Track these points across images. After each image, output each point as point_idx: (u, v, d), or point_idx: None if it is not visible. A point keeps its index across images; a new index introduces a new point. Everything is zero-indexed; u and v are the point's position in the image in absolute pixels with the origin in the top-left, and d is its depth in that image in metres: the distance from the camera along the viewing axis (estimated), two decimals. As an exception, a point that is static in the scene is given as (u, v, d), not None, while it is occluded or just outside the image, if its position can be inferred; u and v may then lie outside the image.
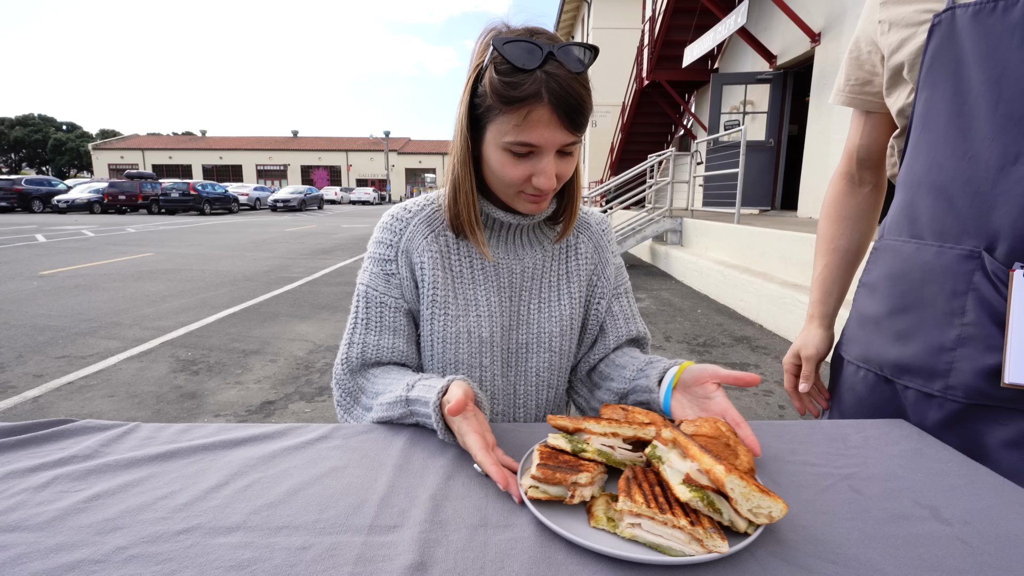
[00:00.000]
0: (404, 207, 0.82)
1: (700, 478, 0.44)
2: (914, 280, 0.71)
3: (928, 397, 0.71)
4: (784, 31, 7.29)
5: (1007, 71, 0.60)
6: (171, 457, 0.61)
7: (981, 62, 0.62)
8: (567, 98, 0.64)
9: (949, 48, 0.65)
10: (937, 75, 0.66)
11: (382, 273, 0.80)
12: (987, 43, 0.61)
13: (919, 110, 0.70)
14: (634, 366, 0.80)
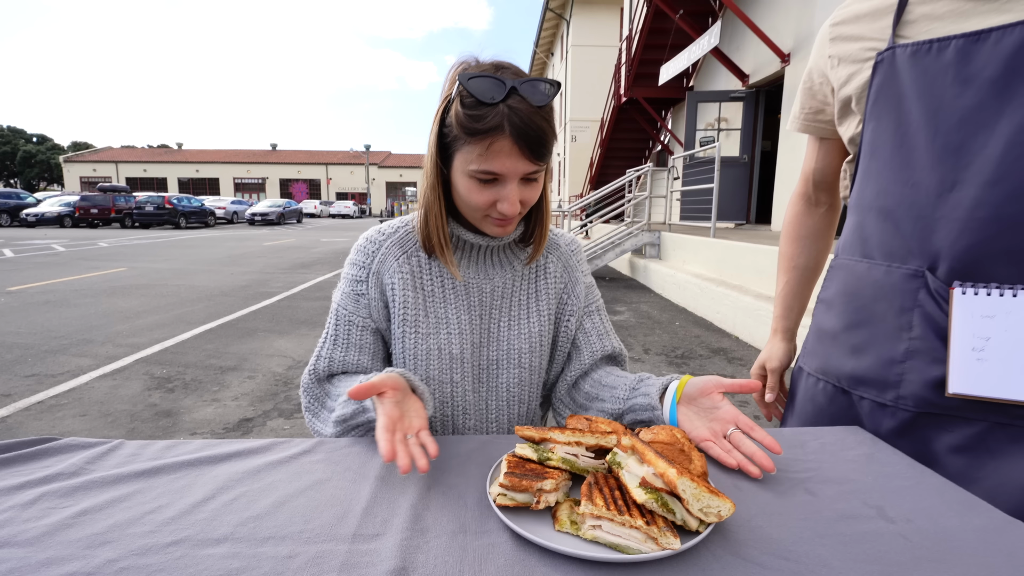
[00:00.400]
0: (379, 230, 0.86)
1: (655, 481, 0.47)
2: (866, 297, 0.77)
3: (881, 407, 0.75)
4: (755, 51, 7.54)
5: (942, 106, 0.66)
6: (157, 473, 0.62)
7: (919, 97, 0.68)
8: (528, 130, 0.68)
9: (892, 83, 0.71)
10: (882, 108, 0.72)
11: (353, 293, 0.84)
12: (924, 80, 0.67)
13: (867, 139, 0.75)
14: (625, 385, 0.82)
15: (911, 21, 0.70)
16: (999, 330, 0.64)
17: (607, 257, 7.58)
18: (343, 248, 12.80)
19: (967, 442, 0.69)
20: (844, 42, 0.79)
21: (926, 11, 0.69)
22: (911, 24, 0.70)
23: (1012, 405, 0.65)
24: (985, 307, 0.64)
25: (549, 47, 26.44)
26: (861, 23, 0.77)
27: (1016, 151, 0.61)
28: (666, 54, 9.55)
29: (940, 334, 0.68)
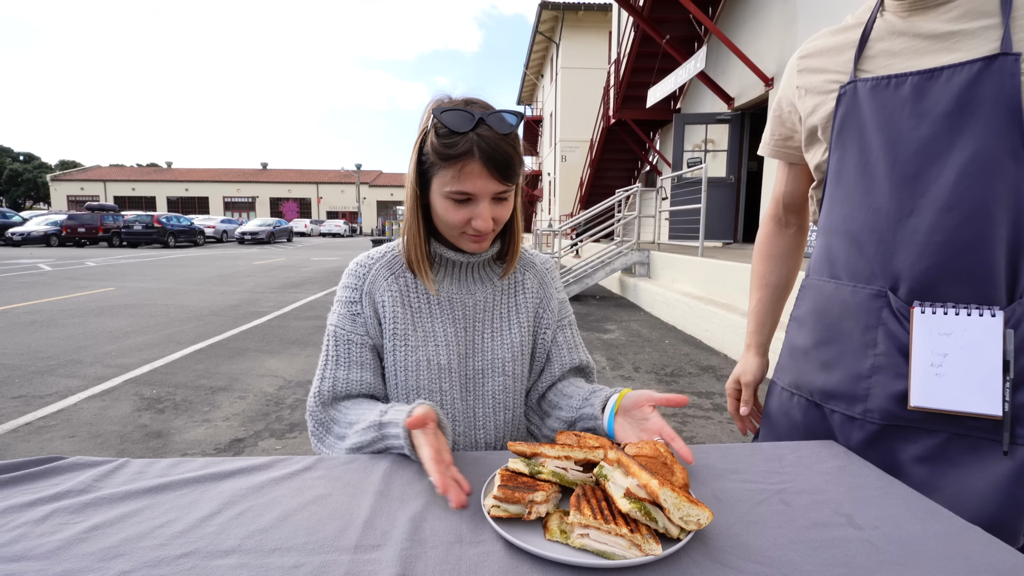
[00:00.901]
0: (368, 255, 0.93)
1: (639, 492, 0.51)
2: (834, 316, 0.81)
3: (851, 420, 0.80)
4: (740, 76, 7.75)
5: (900, 137, 0.72)
6: (163, 490, 0.65)
7: (879, 128, 0.73)
8: (495, 154, 0.76)
9: (854, 115, 0.76)
10: (845, 137, 0.78)
11: (348, 314, 0.89)
12: (883, 112, 0.73)
13: (832, 167, 0.81)
14: (580, 395, 0.89)
15: (871, 56, 0.76)
16: (955, 347, 0.68)
17: (597, 276, 7.66)
18: (334, 267, 12.80)
19: (930, 452, 0.73)
20: (810, 74, 0.85)
21: (884, 47, 0.75)
22: (871, 59, 0.76)
23: (968, 417, 0.69)
24: (942, 325, 0.69)
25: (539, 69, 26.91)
26: (826, 57, 0.83)
27: (967, 180, 0.66)
28: (654, 77, 9.78)
29: (902, 351, 0.73)
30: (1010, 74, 0.63)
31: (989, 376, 0.67)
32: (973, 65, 0.65)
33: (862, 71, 0.77)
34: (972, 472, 0.70)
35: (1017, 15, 0.64)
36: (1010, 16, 0.64)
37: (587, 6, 19.61)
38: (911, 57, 0.72)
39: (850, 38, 0.80)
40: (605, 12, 19.18)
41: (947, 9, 0.69)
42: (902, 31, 0.73)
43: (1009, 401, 0.67)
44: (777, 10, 6.88)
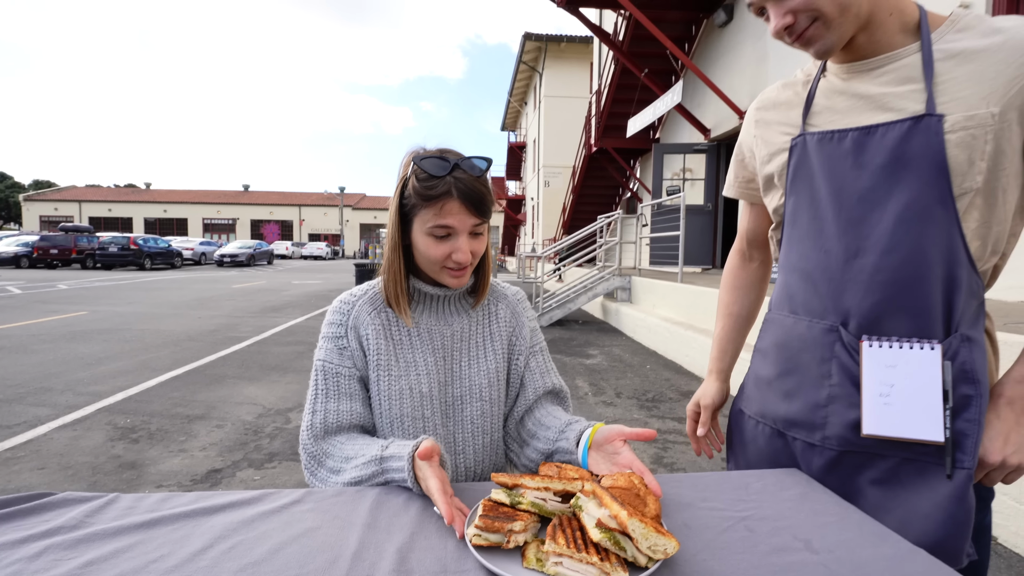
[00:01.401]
0: (351, 293, 0.98)
1: (610, 522, 0.55)
2: (793, 348, 0.87)
3: (811, 447, 0.85)
4: (715, 108, 8.04)
5: (844, 186, 0.79)
6: (155, 525, 0.67)
7: (827, 177, 0.81)
8: (471, 193, 0.86)
9: (804, 165, 0.84)
10: (798, 185, 0.85)
11: (335, 348, 0.94)
12: (829, 164, 0.80)
13: (788, 210, 0.88)
14: (556, 427, 0.93)
15: (817, 112, 0.84)
16: (900, 378, 0.75)
17: (580, 301, 7.74)
18: (315, 291, 12.69)
19: (883, 476, 0.79)
20: (766, 126, 0.92)
21: (828, 105, 0.83)
22: (817, 115, 0.84)
23: (915, 443, 0.75)
24: (888, 358, 0.75)
25: (523, 96, 27.47)
26: (779, 110, 0.91)
27: (904, 226, 0.74)
28: (633, 108, 10.08)
29: (854, 381, 0.79)
30: (935, 132, 0.71)
31: (931, 405, 0.73)
32: (903, 124, 0.73)
33: (810, 125, 0.84)
34: (921, 494, 0.75)
35: (938, 81, 0.72)
36: (932, 82, 0.72)
37: (569, 38, 20.20)
38: (851, 114, 0.80)
39: (799, 94, 0.88)
40: (587, 44, 19.77)
41: (880, 74, 0.77)
42: (842, 91, 0.81)
43: (949, 428, 0.73)
44: (749, 47, 7.19)
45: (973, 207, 0.72)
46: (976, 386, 0.73)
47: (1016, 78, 0.68)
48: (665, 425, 3.46)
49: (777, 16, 0.75)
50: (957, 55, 0.72)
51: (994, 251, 0.75)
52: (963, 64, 0.71)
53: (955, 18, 0.75)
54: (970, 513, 0.72)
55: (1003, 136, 0.70)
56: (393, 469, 0.77)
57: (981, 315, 0.76)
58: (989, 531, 0.81)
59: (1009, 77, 0.69)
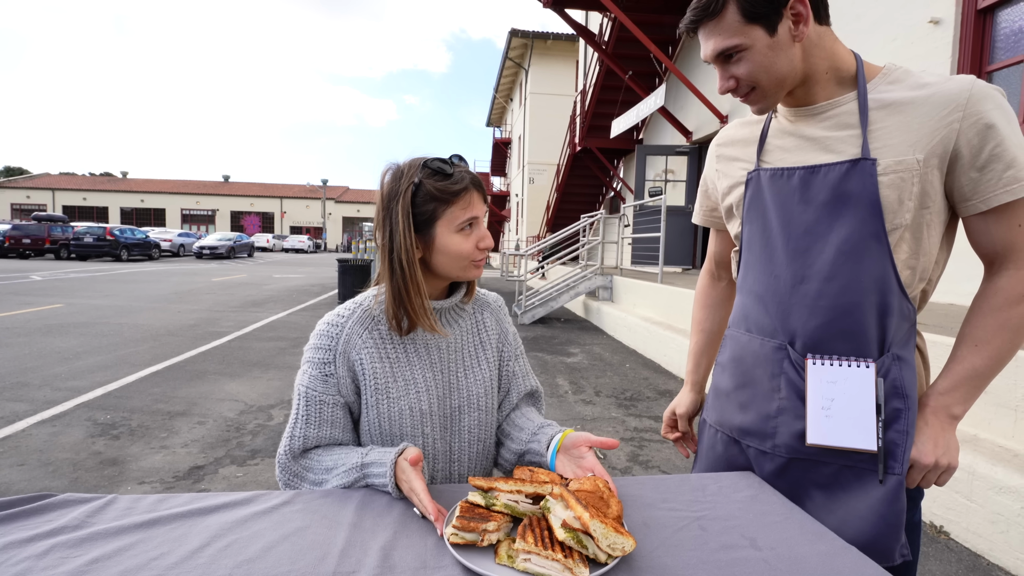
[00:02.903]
0: (337, 314, 0.95)
1: (574, 523, 0.61)
2: (747, 363, 0.95)
3: (763, 453, 0.93)
4: (697, 112, 8.18)
5: (792, 219, 0.87)
6: (154, 524, 0.72)
7: (777, 210, 0.89)
8: (479, 180, 0.92)
9: (758, 197, 0.92)
10: (753, 215, 0.93)
11: (320, 375, 0.92)
12: (779, 197, 0.88)
13: (745, 238, 0.96)
14: (529, 429, 0.99)
15: (769, 151, 0.93)
16: (840, 393, 0.83)
17: (562, 299, 7.83)
18: (297, 285, 12.61)
19: (826, 480, 0.87)
20: (726, 161, 1.01)
21: (778, 144, 0.92)
22: (769, 152, 0.93)
23: (853, 451, 0.83)
24: (830, 375, 0.83)
25: (508, 93, 27.46)
26: (736, 147, 1.00)
27: (843, 257, 0.82)
28: (617, 109, 10.18)
29: (800, 395, 0.87)
30: (869, 174, 0.79)
31: (866, 417, 0.81)
32: (842, 165, 0.81)
33: (763, 161, 0.93)
34: (858, 497, 0.84)
35: (872, 129, 0.81)
36: (867, 129, 0.81)
37: (555, 36, 20.24)
38: (797, 153, 0.88)
39: (754, 133, 0.96)
40: (573, 42, 19.84)
41: (823, 119, 0.86)
42: (790, 132, 0.90)
43: (882, 438, 0.81)
44: (731, 53, 7.32)
45: (903, 241, 0.80)
46: (905, 400, 0.81)
47: (937, 129, 0.77)
48: (642, 424, 3.56)
49: (723, 79, 0.85)
50: (888, 105, 0.80)
51: (921, 278, 0.83)
52: (893, 114, 0.80)
53: (887, 71, 0.84)
54: (900, 515, 0.81)
55: (927, 179, 0.78)
56: (374, 475, 0.82)
57: (912, 336, 0.84)
58: (919, 528, 0.89)
59: (931, 128, 0.77)
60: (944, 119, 0.77)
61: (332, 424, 0.92)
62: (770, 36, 0.79)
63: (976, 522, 2.07)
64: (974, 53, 3.89)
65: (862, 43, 4.82)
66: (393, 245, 0.89)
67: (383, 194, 0.91)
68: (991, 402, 2.23)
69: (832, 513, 0.85)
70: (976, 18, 3.88)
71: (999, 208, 0.78)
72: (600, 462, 0.86)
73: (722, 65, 0.84)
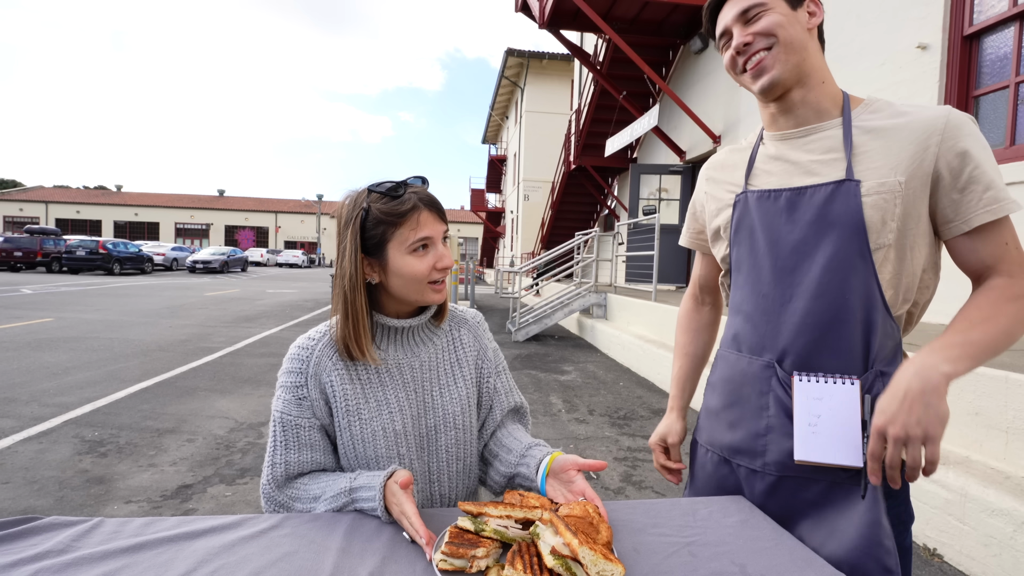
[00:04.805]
0: (308, 336, 0.96)
1: (563, 549, 0.61)
2: (737, 382, 0.96)
3: (753, 472, 0.93)
4: (690, 132, 8.29)
5: (779, 239, 0.89)
6: (140, 549, 0.71)
7: (764, 230, 0.91)
8: (432, 199, 0.92)
9: (745, 219, 0.94)
10: (741, 236, 0.95)
11: (294, 399, 0.92)
12: (766, 219, 0.91)
13: (734, 259, 0.98)
14: (517, 451, 0.99)
15: (756, 174, 0.95)
16: (826, 410, 0.84)
17: (556, 316, 7.83)
18: (290, 300, 12.55)
19: (816, 498, 0.87)
20: (715, 184, 1.03)
21: (765, 168, 0.94)
22: (756, 176, 0.95)
23: (840, 468, 0.84)
24: (816, 392, 0.84)
25: (504, 111, 27.77)
26: (726, 171, 1.02)
27: (829, 275, 0.84)
28: (612, 128, 10.31)
29: (788, 413, 0.88)
30: (853, 195, 0.82)
31: (851, 434, 0.82)
32: (828, 186, 0.84)
33: (751, 184, 0.95)
34: (844, 515, 0.84)
35: (856, 152, 0.84)
36: (851, 153, 0.84)
37: (551, 55, 20.56)
38: (784, 176, 0.91)
39: (743, 158, 0.99)
40: (568, 62, 20.14)
41: (808, 143, 0.89)
42: (777, 156, 0.93)
43: (866, 454, 0.80)
44: (723, 75, 7.46)
45: (887, 260, 0.83)
46: None
47: (917, 153, 0.81)
48: (635, 443, 3.55)
49: (739, 37, 0.87)
50: (871, 131, 0.84)
51: (905, 299, 0.85)
52: (875, 139, 0.83)
53: (869, 102, 0.88)
54: (880, 534, 0.79)
55: (910, 201, 0.81)
56: (363, 499, 0.82)
57: (898, 354, 0.86)
58: (910, 552, 0.89)
59: (912, 152, 0.81)
60: (923, 143, 0.80)
61: (312, 448, 0.91)
62: (792, 9, 0.85)
63: (969, 545, 2.06)
64: (961, 78, 3.99)
65: (851, 67, 4.92)
66: (342, 271, 0.91)
67: (340, 221, 0.92)
68: (982, 423, 2.25)
69: (823, 530, 0.86)
70: (963, 44, 3.98)
71: (983, 228, 0.80)
72: (592, 483, 0.85)
73: (742, 26, 0.87)
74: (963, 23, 3.98)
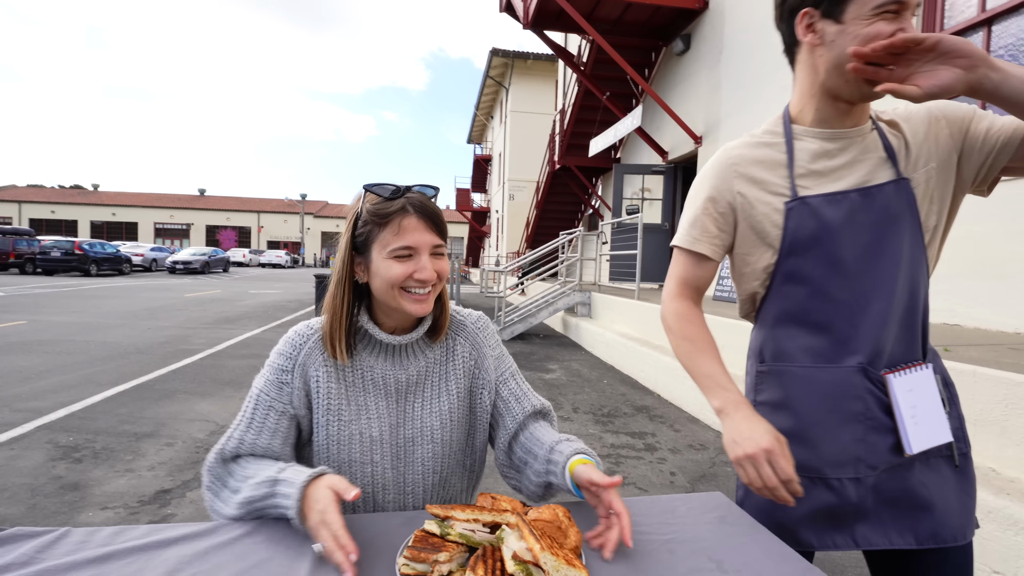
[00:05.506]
0: (308, 326, 0.94)
1: (525, 555, 0.61)
2: (819, 395, 0.89)
3: (856, 480, 0.88)
4: (672, 133, 8.36)
5: (852, 243, 0.86)
6: (108, 559, 0.69)
7: (834, 236, 0.86)
8: (426, 208, 0.88)
9: (807, 226, 0.87)
10: (801, 245, 0.88)
11: (277, 381, 0.91)
12: (835, 224, 0.86)
13: (787, 269, 0.90)
14: (542, 455, 0.92)
15: (802, 175, 0.89)
16: (918, 398, 0.87)
17: (541, 315, 7.85)
18: (273, 301, 12.40)
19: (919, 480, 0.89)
20: (752, 185, 0.92)
21: (813, 168, 0.89)
22: (804, 177, 0.89)
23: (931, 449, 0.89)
24: (907, 384, 0.87)
25: (489, 111, 27.73)
26: (761, 169, 0.92)
27: (901, 272, 0.86)
28: (596, 128, 10.35)
29: (885, 411, 0.87)
30: (908, 191, 0.86)
31: (939, 413, 0.88)
32: (887, 186, 0.86)
33: (802, 187, 0.89)
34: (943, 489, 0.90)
35: (899, 155, 0.88)
36: (894, 154, 0.87)
37: (535, 56, 20.58)
38: (837, 178, 0.88)
39: (776, 155, 0.92)
40: (552, 62, 20.18)
41: (850, 143, 0.88)
42: (821, 154, 0.89)
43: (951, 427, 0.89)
44: (704, 77, 7.54)
45: (932, 245, 0.90)
46: (951, 387, 0.92)
47: (928, 136, 0.88)
48: (619, 440, 3.57)
49: None
50: (893, 134, 0.90)
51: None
52: (900, 138, 0.89)
53: (880, 111, 0.93)
54: (972, 490, 0.91)
55: (941, 183, 0.88)
56: (281, 495, 0.76)
57: None
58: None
59: (932, 139, 0.88)
60: (933, 129, 0.88)
61: (273, 433, 0.89)
62: None
63: None
64: (932, 81, 4.08)
65: (828, 69, 4.99)
66: (334, 266, 0.92)
67: None
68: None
69: (930, 513, 0.89)
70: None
71: None
72: None
73: None
74: (936, 26, 4.07)
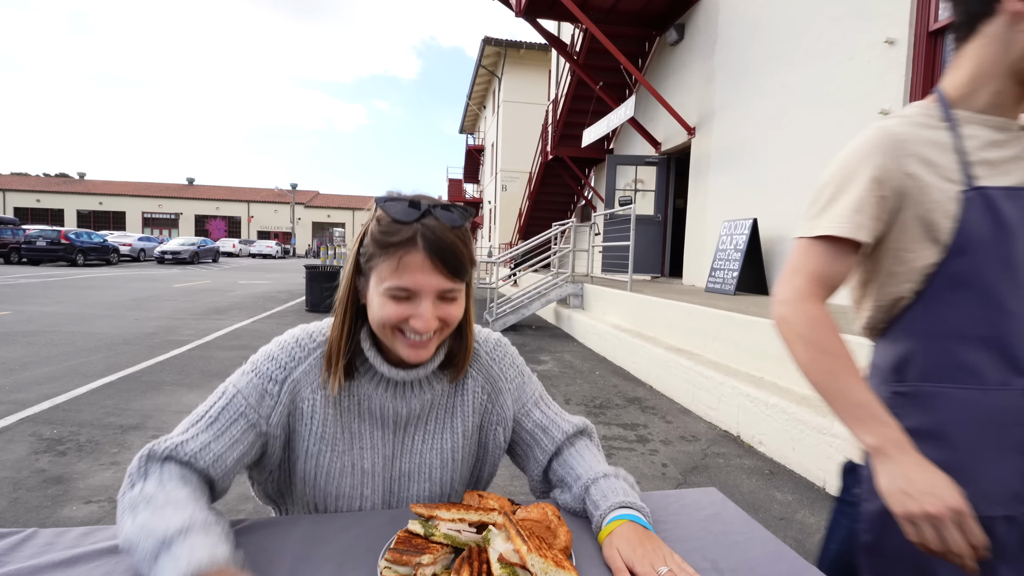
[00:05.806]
0: (310, 336, 0.83)
1: (512, 556, 0.58)
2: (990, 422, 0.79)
3: (1009, 520, 0.79)
4: (666, 123, 8.32)
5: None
6: (75, 562, 0.66)
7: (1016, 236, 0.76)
8: (441, 245, 0.71)
9: (983, 222, 0.77)
10: (974, 243, 0.77)
11: (259, 390, 0.79)
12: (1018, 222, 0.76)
13: (953, 271, 0.79)
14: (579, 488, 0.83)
15: (975, 163, 0.78)
16: None
17: (534, 306, 7.83)
18: (263, 292, 12.28)
19: None
20: (925, 166, 0.79)
21: (985, 157, 0.79)
22: (976, 166, 0.78)
23: None
24: None
25: (482, 100, 27.53)
26: (933, 150, 0.80)
27: None
28: (589, 118, 10.29)
29: None
30: None
31: None
32: None
33: (978, 178, 0.78)
34: None
35: None
36: None
37: (528, 45, 20.40)
38: (1005, 171, 0.79)
39: (941, 137, 0.80)
40: (545, 51, 20.02)
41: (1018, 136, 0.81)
42: (993, 144, 0.80)
43: None
44: (698, 68, 7.50)
45: None
46: None
47: None
48: (611, 431, 3.56)
49: None
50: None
51: None
52: None
53: None
54: None
55: None
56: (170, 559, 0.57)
57: None
58: None
59: None
60: None
61: (233, 443, 0.76)
62: None
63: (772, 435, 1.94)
64: (926, 72, 4.07)
65: (822, 62, 4.98)
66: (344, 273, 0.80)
67: None
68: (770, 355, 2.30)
69: None
70: (928, 39, 4.05)
71: None
72: None
73: None
74: (929, 19, 4.05)
